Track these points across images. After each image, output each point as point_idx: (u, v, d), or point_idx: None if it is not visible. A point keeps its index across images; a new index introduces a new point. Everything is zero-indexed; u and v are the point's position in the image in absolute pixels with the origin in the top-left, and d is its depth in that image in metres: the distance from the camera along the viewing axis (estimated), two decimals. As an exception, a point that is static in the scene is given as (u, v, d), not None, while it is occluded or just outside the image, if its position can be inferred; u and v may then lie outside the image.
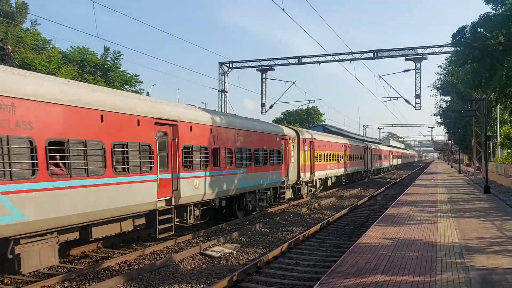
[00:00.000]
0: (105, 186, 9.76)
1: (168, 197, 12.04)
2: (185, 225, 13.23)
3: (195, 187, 13.19)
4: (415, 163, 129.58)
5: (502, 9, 21.71)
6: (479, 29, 22.03)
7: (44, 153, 8.35)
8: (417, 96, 31.75)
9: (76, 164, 9.11)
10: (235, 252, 11.58)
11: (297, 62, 32.43)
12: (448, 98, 50.90)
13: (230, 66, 33.74)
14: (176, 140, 12.38)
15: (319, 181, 27.76)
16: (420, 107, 32.18)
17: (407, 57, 30.25)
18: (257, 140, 17.93)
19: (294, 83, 35.89)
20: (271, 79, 35.40)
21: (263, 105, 35.68)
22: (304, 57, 32.38)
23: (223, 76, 33.46)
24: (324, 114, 76.59)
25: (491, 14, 21.94)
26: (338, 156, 32.05)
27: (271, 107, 36.43)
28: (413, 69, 30.96)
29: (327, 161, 28.90)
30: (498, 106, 32.68)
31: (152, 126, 11.40)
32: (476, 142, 38.57)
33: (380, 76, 33.19)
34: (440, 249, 9.20)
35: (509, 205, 17.46)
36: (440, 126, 67.35)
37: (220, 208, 15.59)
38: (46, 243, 8.70)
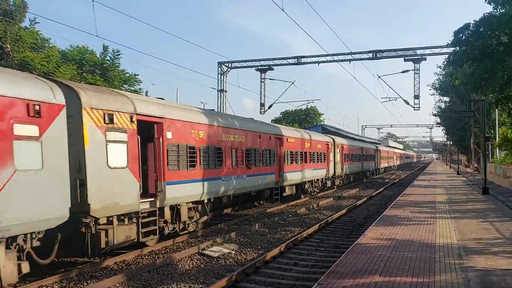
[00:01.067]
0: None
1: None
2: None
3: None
4: (414, 164, 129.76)
5: (504, 10, 21.70)
6: (481, 29, 22.04)
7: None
8: (416, 97, 31.78)
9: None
10: (233, 252, 11.57)
11: (296, 62, 32.44)
12: (447, 99, 51.02)
13: (229, 65, 33.73)
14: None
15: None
16: (419, 107, 32.23)
17: (406, 57, 30.28)
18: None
19: (293, 83, 35.94)
20: (270, 79, 35.43)
21: (262, 105, 35.68)
22: (304, 57, 32.39)
23: (222, 76, 33.46)
24: (323, 114, 76.61)
25: (494, 13, 21.95)
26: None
27: (270, 107, 36.45)
28: (412, 69, 30.99)
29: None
30: (497, 108, 32.71)
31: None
32: (474, 143, 38.64)
33: (379, 77, 33.27)
34: (438, 250, 9.20)
35: (507, 206, 17.48)
36: (439, 126, 67.56)
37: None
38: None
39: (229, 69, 33.81)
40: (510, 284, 6.70)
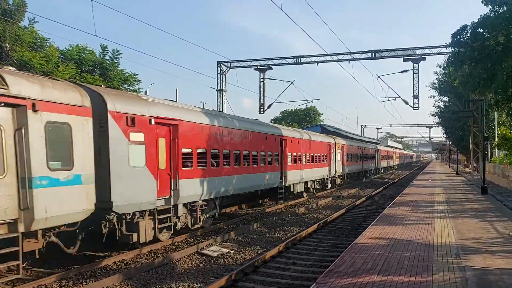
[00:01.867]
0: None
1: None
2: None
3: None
4: (413, 164, 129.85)
5: (501, 11, 21.77)
6: (479, 30, 22.10)
7: None
8: (415, 97, 31.80)
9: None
10: (232, 251, 11.59)
11: (295, 62, 32.45)
12: (446, 99, 51.07)
13: (229, 65, 33.74)
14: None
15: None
16: (418, 107, 32.25)
17: (405, 57, 30.30)
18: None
19: (292, 82, 35.97)
20: (269, 78, 35.45)
21: (261, 104, 35.70)
22: (303, 57, 32.40)
23: (221, 76, 33.47)
24: (322, 114, 76.67)
25: (491, 15, 22.00)
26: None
27: (269, 106, 36.48)
28: (411, 69, 31.02)
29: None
30: (498, 108, 32.74)
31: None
32: (473, 143, 38.68)
33: (378, 76, 33.30)
34: (436, 249, 9.23)
35: (506, 205, 17.51)
36: (438, 126, 67.67)
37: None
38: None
39: (228, 69, 33.82)
40: (507, 283, 6.72)
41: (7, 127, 7.87)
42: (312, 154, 25.82)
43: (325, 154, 29.04)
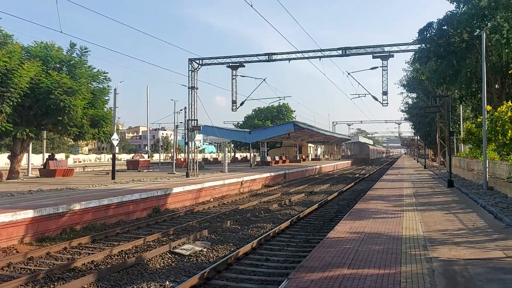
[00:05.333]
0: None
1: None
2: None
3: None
4: (383, 159, 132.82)
5: (465, 8, 22.44)
6: (444, 27, 22.75)
7: None
8: (384, 93, 32.42)
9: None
10: (205, 249, 11.54)
11: (267, 59, 32.49)
12: (414, 95, 52.36)
13: (200, 62, 33.47)
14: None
15: None
16: (387, 103, 32.89)
17: (374, 54, 30.81)
18: None
19: (264, 80, 36.06)
20: (241, 76, 35.40)
21: (234, 102, 35.62)
22: (274, 54, 32.48)
23: (193, 73, 33.16)
24: (295, 111, 77.17)
25: (456, 12, 22.66)
26: None
27: (242, 104, 36.46)
28: (381, 66, 31.62)
29: None
30: (461, 104, 33.81)
31: None
32: (440, 138, 39.82)
33: (348, 73, 33.83)
34: (405, 242, 9.46)
35: (471, 198, 18.11)
36: (406, 122, 69.36)
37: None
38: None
39: (200, 66, 33.54)
40: (471, 272, 6.95)
41: None
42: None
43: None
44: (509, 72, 19.69)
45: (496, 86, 25.45)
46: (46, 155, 34.74)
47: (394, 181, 29.62)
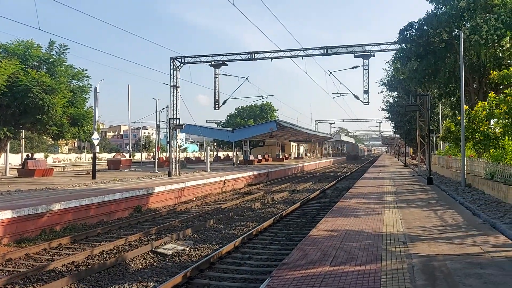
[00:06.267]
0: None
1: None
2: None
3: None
4: (365, 157, 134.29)
5: (444, 8, 22.86)
6: (424, 27, 23.15)
7: None
8: (366, 92, 32.78)
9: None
10: (187, 249, 11.50)
11: (249, 57, 32.49)
12: (395, 94, 53.06)
13: (182, 61, 33.27)
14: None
15: None
16: (369, 102, 33.28)
17: (355, 54, 31.12)
18: None
19: (247, 78, 36.09)
20: (224, 74, 35.33)
21: (216, 100, 35.53)
22: (257, 52, 32.49)
23: (175, 71, 32.94)
24: (277, 110, 77.33)
25: (436, 12, 23.06)
26: None
27: (224, 102, 36.40)
28: (362, 65, 31.96)
29: None
30: (440, 102, 34.46)
31: None
32: (420, 136, 40.48)
33: (330, 72, 34.08)
34: (385, 239, 9.60)
35: (449, 195, 18.49)
36: (387, 121, 70.26)
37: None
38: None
39: (182, 64, 33.33)
40: (450, 268, 7.11)
41: None
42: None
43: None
44: (491, 73, 20.02)
45: (474, 85, 26.01)
46: (25, 155, 34.06)
47: (375, 179, 29.99)
